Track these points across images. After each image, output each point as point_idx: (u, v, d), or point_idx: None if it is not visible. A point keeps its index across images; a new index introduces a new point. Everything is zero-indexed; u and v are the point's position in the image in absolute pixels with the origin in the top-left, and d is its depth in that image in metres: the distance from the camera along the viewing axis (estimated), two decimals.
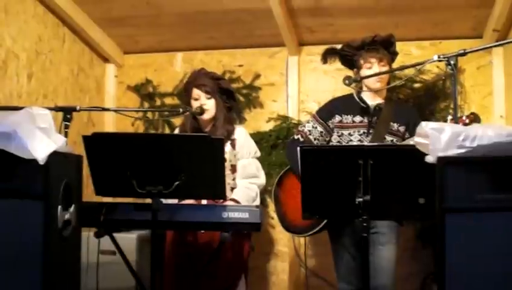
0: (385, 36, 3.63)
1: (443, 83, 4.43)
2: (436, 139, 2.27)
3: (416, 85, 4.52)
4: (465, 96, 4.46)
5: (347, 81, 3.51)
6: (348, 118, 3.65)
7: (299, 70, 4.87)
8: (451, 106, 4.21)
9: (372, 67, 3.59)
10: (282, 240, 4.76)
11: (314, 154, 2.73)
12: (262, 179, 3.73)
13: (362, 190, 2.58)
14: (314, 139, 3.75)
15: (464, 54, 2.81)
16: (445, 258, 2.26)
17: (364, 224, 2.62)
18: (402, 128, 3.60)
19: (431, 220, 2.49)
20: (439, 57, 2.84)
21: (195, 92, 3.66)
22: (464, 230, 2.26)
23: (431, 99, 4.46)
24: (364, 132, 3.59)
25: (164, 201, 3.01)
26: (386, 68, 3.61)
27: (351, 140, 3.59)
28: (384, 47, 3.63)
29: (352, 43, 3.70)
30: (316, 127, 3.75)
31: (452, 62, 2.80)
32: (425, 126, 2.31)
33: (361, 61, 3.64)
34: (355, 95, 3.72)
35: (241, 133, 3.73)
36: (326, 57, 3.92)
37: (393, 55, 3.71)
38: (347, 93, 3.83)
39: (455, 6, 4.14)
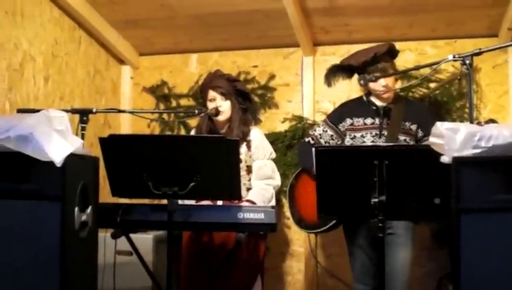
0: (385, 49, 3.58)
1: (459, 82, 4.40)
2: (451, 139, 2.26)
3: (432, 84, 4.49)
4: (481, 96, 4.44)
5: (362, 82, 3.51)
6: (359, 121, 3.66)
7: (314, 71, 4.86)
8: (467, 105, 4.20)
9: (378, 80, 3.55)
10: (298, 240, 4.76)
11: (329, 154, 2.73)
12: (277, 181, 3.73)
13: (377, 190, 2.58)
14: (325, 142, 3.75)
15: (479, 54, 2.78)
16: (461, 258, 2.25)
17: (380, 224, 2.61)
18: (414, 127, 3.60)
19: (447, 220, 2.48)
20: (454, 57, 2.82)
21: (211, 94, 3.67)
22: (480, 230, 2.25)
23: (447, 98, 4.43)
24: (376, 134, 3.59)
25: (181, 202, 3.02)
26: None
27: (364, 142, 3.59)
28: (388, 56, 3.61)
29: (353, 63, 3.64)
30: (326, 131, 3.77)
31: (467, 62, 2.77)
32: (440, 126, 2.30)
33: (367, 77, 3.57)
34: (364, 98, 3.72)
35: (257, 135, 3.73)
36: (330, 79, 3.83)
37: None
38: (356, 97, 3.82)
39: (470, 5, 4.12)
